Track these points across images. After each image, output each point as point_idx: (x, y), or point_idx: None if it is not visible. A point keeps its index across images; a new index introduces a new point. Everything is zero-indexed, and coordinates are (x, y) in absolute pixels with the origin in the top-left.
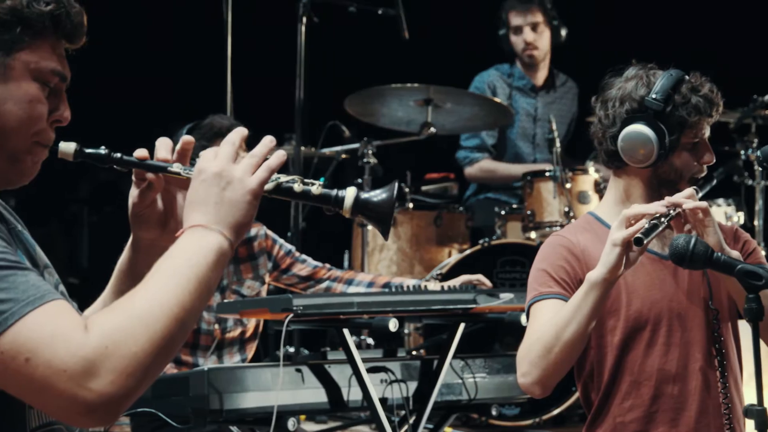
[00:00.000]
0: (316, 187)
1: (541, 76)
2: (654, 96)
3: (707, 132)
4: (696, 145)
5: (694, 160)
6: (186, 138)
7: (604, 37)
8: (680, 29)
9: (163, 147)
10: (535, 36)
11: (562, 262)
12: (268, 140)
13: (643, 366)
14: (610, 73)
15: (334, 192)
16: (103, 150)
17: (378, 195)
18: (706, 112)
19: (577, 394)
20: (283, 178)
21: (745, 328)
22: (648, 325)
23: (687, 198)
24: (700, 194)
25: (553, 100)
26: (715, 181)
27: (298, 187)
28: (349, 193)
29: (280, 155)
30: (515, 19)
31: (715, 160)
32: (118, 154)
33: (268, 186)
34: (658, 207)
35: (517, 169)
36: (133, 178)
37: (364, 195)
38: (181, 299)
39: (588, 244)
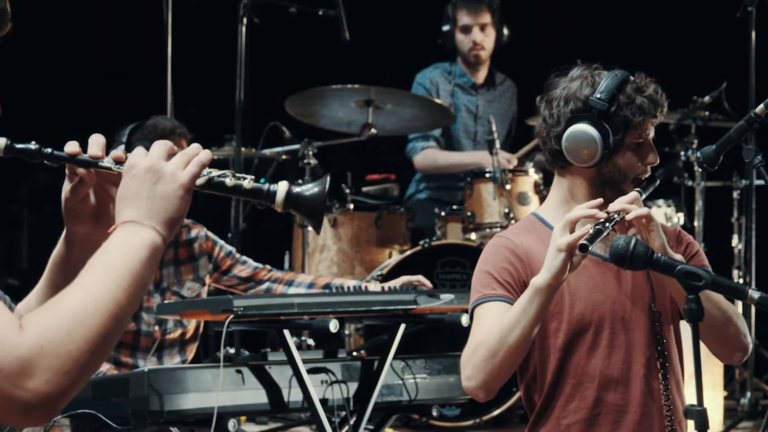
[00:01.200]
0: (247, 182)
1: (482, 74)
2: (599, 96)
3: (652, 133)
4: (640, 146)
5: (638, 160)
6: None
7: (543, 38)
8: (621, 30)
9: (95, 143)
10: (482, 36)
11: (505, 264)
12: (196, 146)
13: (585, 368)
14: (555, 72)
15: (266, 186)
16: (33, 145)
17: (310, 189)
18: (650, 113)
19: (517, 395)
20: (215, 172)
21: (686, 328)
22: (591, 327)
23: (631, 201)
24: (644, 195)
25: (493, 99)
26: (658, 182)
27: (229, 181)
28: (281, 187)
29: (208, 152)
30: (464, 18)
31: (659, 161)
32: (49, 150)
33: (200, 180)
34: (599, 212)
35: (464, 156)
36: (66, 172)
37: (296, 189)
38: (115, 296)
39: (531, 245)
